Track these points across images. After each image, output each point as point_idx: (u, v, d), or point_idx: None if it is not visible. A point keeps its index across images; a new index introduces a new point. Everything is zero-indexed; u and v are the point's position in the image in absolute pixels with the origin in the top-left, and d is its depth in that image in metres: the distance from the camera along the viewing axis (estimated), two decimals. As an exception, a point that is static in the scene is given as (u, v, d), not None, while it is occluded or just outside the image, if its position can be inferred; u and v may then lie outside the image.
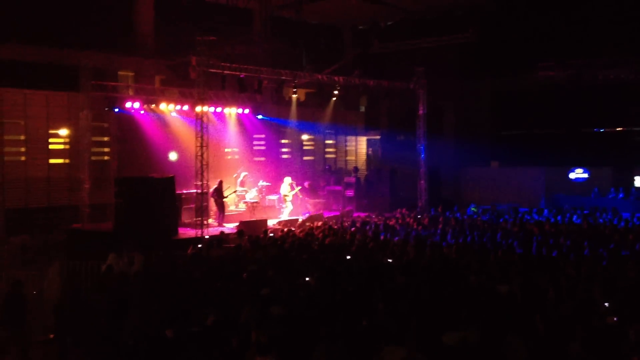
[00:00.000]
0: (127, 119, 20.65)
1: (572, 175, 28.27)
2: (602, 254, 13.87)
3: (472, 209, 22.49)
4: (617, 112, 27.82)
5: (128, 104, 20.15)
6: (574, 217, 20.59)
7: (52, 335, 9.25)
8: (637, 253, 14.03)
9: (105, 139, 21.17)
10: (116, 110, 20.27)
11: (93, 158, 20.48)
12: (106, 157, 21.20)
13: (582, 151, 28.19)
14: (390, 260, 13.20)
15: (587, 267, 12.32)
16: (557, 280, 11.05)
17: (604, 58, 26.75)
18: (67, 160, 20.66)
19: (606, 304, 9.36)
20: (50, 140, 20.36)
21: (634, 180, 27.29)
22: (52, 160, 20.28)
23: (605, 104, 27.44)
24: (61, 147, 20.71)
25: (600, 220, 20.11)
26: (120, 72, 23.02)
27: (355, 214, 23.68)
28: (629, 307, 9.23)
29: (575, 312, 8.99)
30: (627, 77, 26.11)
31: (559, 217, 20.91)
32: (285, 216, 22.42)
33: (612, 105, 27.41)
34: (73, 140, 20.56)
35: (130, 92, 21.99)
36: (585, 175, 28.03)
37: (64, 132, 20.55)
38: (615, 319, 8.48)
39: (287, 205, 22.88)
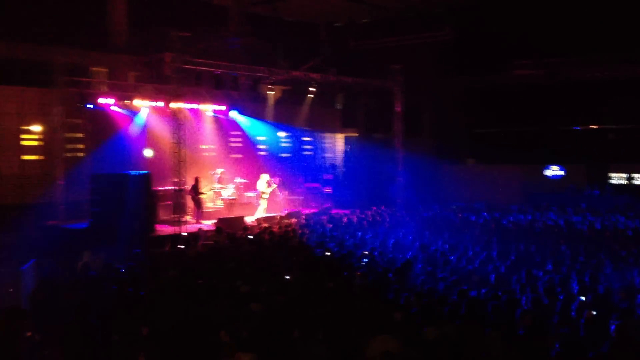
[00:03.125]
0: (101, 115, 20.37)
1: (547, 173, 28.57)
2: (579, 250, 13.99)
3: None
4: (591, 110, 28.14)
5: (102, 100, 19.90)
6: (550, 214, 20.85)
7: (29, 334, 9.07)
8: (613, 251, 14.16)
9: (79, 135, 20.84)
10: (90, 106, 19.98)
11: (67, 155, 20.17)
12: (80, 154, 20.88)
13: (558, 148, 28.49)
14: (366, 253, 13.23)
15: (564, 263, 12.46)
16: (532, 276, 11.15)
17: (578, 56, 27.07)
18: (40, 157, 20.29)
19: (582, 298, 9.43)
20: (23, 136, 19.98)
21: (609, 177, 27.67)
22: (24, 157, 19.90)
23: (580, 101, 27.74)
24: (34, 143, 20.32)
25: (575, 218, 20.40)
26: (93, 69, 22.67)
27: (334, 211, 23.65)
28: (606, 302, 9.31)
29: (553, 307, 9.05)
30: (601, 75, 26.45)
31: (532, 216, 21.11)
32: (262, 213, 22.31)
33: (587, 103, 27.72)
34: (46, 136, 20.21)
35: (104, 89, 21.71)
36: (561, 173, 28.35)
37: (36, 128, 20.18)
38: (594, 312, 8.54)
39: (262, 202, 22.78)
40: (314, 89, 25.14)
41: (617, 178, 27.58)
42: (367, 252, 13.54)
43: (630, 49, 25.78)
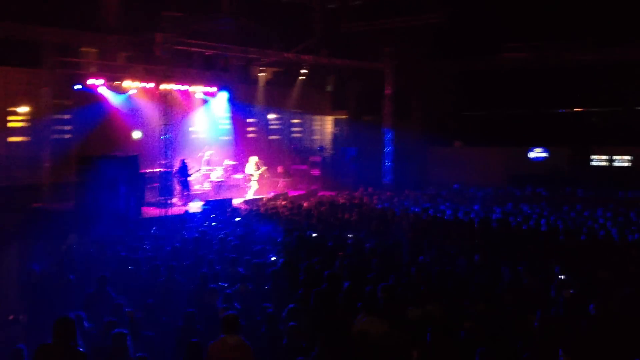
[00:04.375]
0: (90, 96, 20.25)
1: (531, 155, 28.83)
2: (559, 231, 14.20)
3: None
4: (575, 93, 28.37)
5: (91, 81, 19.75)
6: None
7: (12, 317, 9.11)
8: (592, 230, 14.37)
9: (67, 116, 20.72)
10: (79, 87, 19.85)
11: (54, 136, 20.06)
12: (68, 136, 20.79)
13: (541, 131, 28.75)
14: (350, 236, 13.31)
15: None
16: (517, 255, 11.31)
17: (565, 40, 27.18)
18: (27, 139, 20.17)
19: (562, 277, 9.59)
20: (9, 118, 19.83)
21: (590, 159, 27.98)
22: (10, 139, 19.76)
23: (565, 85, 27.95)
24: (21, 124, 20.19)
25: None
26: (83, 49, 22.49)
27: (321, 193, 23.74)
28: (586, 281, 9.47)
29: (535, 286, 9.21)
30: (586, 59, 26.60)
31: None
32: (250, 195, 22.36)
33: (571, 86, 27.93)
34: (33, 117, 20.07)
35: (94, 69, 21.55)
36: (544, 155, 28.61)
37: (23, 109, 20.03)
38: (571, 291, 8.68)
39: (252, 184, 22.82)
40: (305, 71, 25.08)
41: (599, 160, 27.90)
42: (351, 235, 13.62)
43: (614, 33, 25.92)
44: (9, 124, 19.76)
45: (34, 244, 12.17)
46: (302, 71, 25.10)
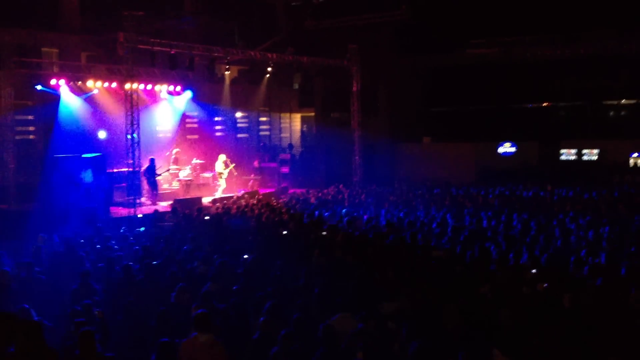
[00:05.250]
0: (52, 96, 19.89)
1: (500, 150, 29.06)
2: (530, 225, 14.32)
3: None
4: (543, 87, 28.71)
5: (53, 82, 19.43)
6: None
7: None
8: (562, 222, 14.54)
9: (30, 117, 20.34)
10: (41, 87, 19.49)
11: (17, 137, 19.70)
12: (31, 136, 20.41)
13: (510, 126, 29.02)
14: (324, 234, 13.26)
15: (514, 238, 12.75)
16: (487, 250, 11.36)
17: (530, 36, 27.53)
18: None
19: (533, 271, 9.66)
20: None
21: (559, 153, 28.30)
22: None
23: (532, 80, 28.30)
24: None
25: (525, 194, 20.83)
26: (44, 49, 22.10)
27: (291, 191, 23.69)
28: (556, 274, 9.55)
29: (507, 280, 9.25)
30: (552, 54, 26.96)
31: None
32: (219, 194, 22.22)
33: (539, 81, 28.29)
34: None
35: (55, 69, 21.20)
36: (513, 150, 28.87)
37: (-15, 110, 19.63)
38: (545, 285, 8.75)
39: (221, 182, 22.67)
40: (270, 69, 24.99)
41: (567, 154, 28.23)
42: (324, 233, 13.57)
43: (579, 28, 26.35)
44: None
45: (1, 246, 11.93)
46: (268, 69, 24.99)
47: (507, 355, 6.18)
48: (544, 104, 29.87)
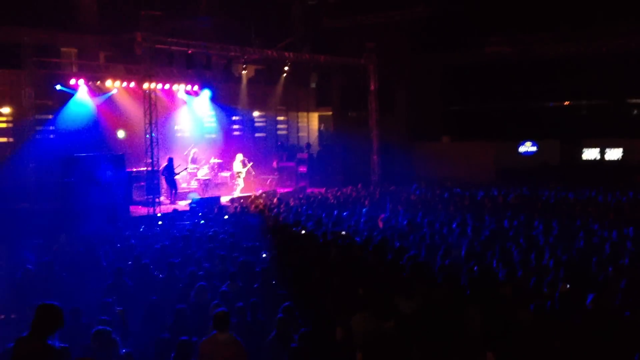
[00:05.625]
0: (71, 96, 20.04)
1: (521, 149, 28.73)
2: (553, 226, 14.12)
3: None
4: (564, 85, 28.30)
5: (72, 81, 19.60)
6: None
7: (2, 316, 9.00)
8: (588, 227, 14.31)
9: (50, 117, 20.51)
10: (60, 87, 19.65)
11: (38, 137, 19.87)
12: (51, 136, 20.58)
13: (531, 125, 28.64)
14: (343, 233, 13.19)
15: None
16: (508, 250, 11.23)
17: (551, 33, 27.19)
18: (10, 139, 19.97)
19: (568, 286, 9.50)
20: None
21: (582, 152, 27.92)
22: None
23: (553, 78, 27.91)
24: (4, 125, 19.98)
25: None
26: (63, 49, 22.29)
27: (309, 190, 23.65)
28: (579, 275, 9.40)
29: (528, 282, 9.13)
30: (574, 52, 26.62)
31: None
32: (237, 193, 22.25)
33: (560, 79, 27.89)
34: (16, 118, 19.85)
35: (74, 69, 21.36)
36: (534, 149, 28.53)
37: (6, 110, 19.83)
38: (568, 286, 8.62)
39: (239, 182, 22.70)
40: (287, 68, 24.98)
41: (590, 153, 27.84)
42: (343, 233, 13.50)
43: (601, 25, 25.98)
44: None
45: (22, 245, 12.03)
46: (285, 68, 24.99)
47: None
48: (566, 103, 29.50)
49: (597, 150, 27.62)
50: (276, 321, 7.40)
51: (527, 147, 28.64)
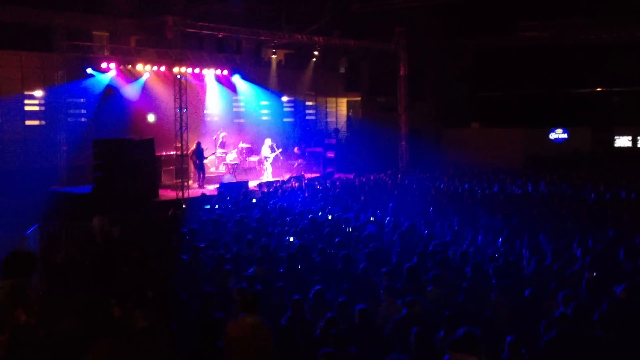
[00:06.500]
0: (103, 80, 20.25)
1: (552, 136, 28.34)
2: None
3: None
4: (597, 72, 27.82)
5: (103, 65, 19.78)
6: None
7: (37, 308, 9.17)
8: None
9: (82, 100, 20.76)
10: (91, 71, 19.86)
11: (69, 120, 20.13)
12: (83, 119, 20.84)
13: (562, 112, 28.24)
14: (372, 219, 13.17)
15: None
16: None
17: (584, 18, 26.69)
18: (42, 122, 20.26)
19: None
20: (26, 102, 19.90)
21: (614, 139, 27.46)
22: (27, 122, 19.87)
23: (585, 64, 27.45)
24: (36, 108, 20.28)
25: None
26: (95, 33, 22.49)
27: (337, 175, 23.63)
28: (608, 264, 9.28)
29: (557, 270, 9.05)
30: (607, 38, 26.11)
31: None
32: (265, 178, 22.32)
33: (592, 65, 27.42)
34: (48, 101, 20.13)
35: (106, 53, 21.54)
36: (565, 136, 28.13)
37: (39, 93, 20.10)
38: (594, 274, 8.53)
39: (267, 166, 22.76)
40: (317, 53, 24.91)
41: (622, 141, 27.36)
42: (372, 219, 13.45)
43: (636, 10, 25.40)
44: (26, 108, 19.84)
45: (55, 227, 12.24)
46: (314, 53, 24.91)
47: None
48: (598, 89, 28.98)
49: (629, 138, 27.12)
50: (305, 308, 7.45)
51: (558, 134, 28.24)
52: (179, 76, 18.74)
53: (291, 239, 11.39)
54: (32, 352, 5.22)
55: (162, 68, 20.60)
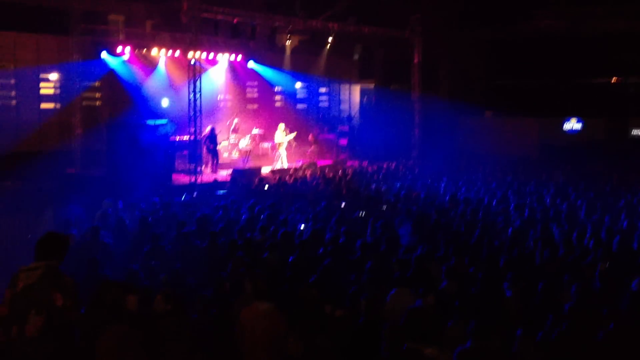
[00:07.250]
0: (118, 64, 20.30)
1: (566, 126, 28.17)
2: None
3: None
4: (612, 62, 27.57)
5: (119, 49, 19.80)
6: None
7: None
8: (629, 203, 14.07)
9: (97, 84, 20.83)
10: (106, 55, 19.90)
11: (84, 103, 20.21)
12: (98, 103, 20.93)
13: (577, 101, 28.03)
14: (385, 207, 13.20)
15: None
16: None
17: (600, 7, 26.43)
18: (57, 105, 20.36)
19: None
20: (42, 85, 20.01)
21: (628, 130, 27.25)
22: (43, 105, 19.98)
23: (601, 54, 27.21)
24: (52, 91, 20.38)
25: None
26: (110, 17, 22.52)
27: (349, 163, 23.63)
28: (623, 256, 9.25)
29: (566, 262, 9.04)
30: (623, 27, 25.86)
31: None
32: (278, 164, 22.35)
33: (608, 55, 27.17)
34: (64, 84, 20.22)
35: (121, 37, 21.58)
36: (579, 126, 27.94)
37: (54, 76, 20.20)
38: (607, 264, 8.51)
39: (281, 152, 22.78)
40: (331, 39, 24.83)
41: (637, 131, 27.12)
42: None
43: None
44: (41, 91, 19.94)
45: (68, 210, 12.31)
46: (329, 39, 24.84)
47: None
48: (613, 79, 28.72)
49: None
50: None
51: (573, 124, 28.06)
52: (193, 61, 18.76)
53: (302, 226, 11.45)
54: (66, 334, 5.33)
55: (177, 53, 20.62)
